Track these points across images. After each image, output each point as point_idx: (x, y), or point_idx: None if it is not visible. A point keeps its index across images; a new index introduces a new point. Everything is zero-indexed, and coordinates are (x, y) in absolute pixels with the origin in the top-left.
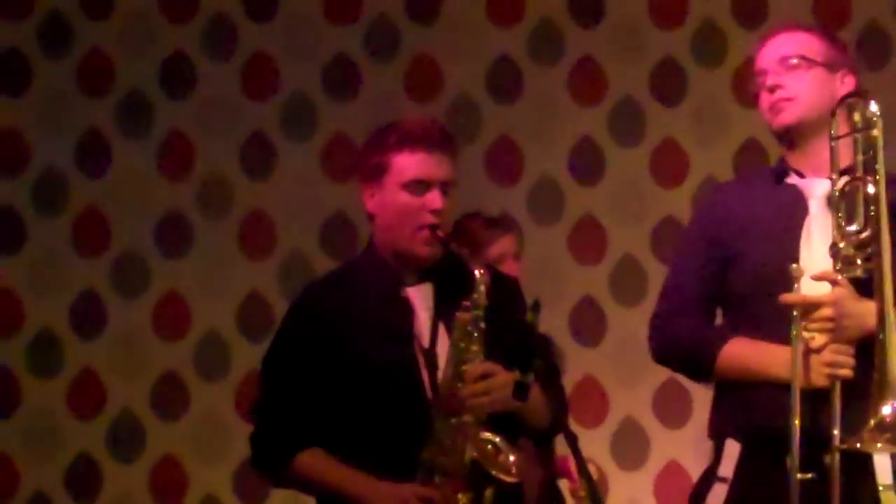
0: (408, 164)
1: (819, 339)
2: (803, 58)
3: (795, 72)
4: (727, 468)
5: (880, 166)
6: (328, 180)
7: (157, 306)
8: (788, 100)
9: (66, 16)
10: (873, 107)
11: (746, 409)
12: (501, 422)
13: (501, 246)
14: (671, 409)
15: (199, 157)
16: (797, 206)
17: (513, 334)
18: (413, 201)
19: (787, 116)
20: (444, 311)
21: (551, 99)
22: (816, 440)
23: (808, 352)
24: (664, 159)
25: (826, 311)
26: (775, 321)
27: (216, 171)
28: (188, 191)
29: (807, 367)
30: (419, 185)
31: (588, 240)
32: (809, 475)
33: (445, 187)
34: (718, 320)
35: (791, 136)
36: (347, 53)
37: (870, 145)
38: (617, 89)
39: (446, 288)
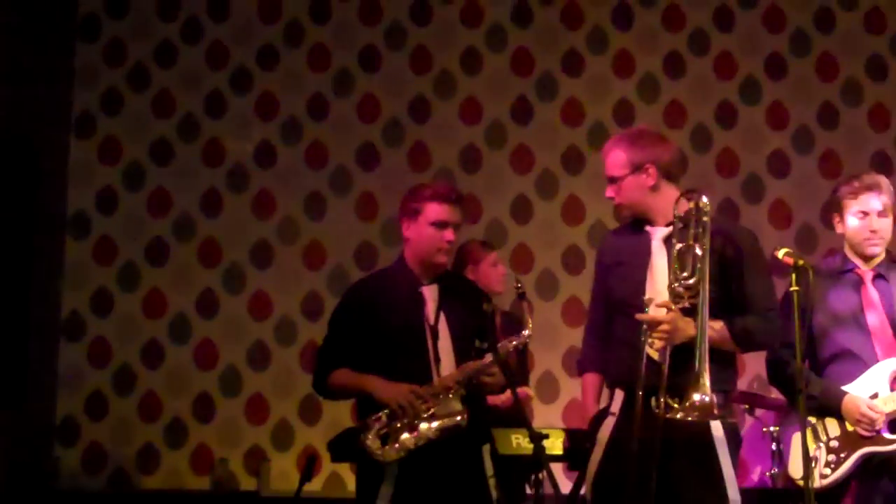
0: (436, 210)
1: (658, 343)
2: (614, 177)
3: (615, 185)
4: (616, 406)
5: (706, 239)
6: (360, 221)
7: (251, 300)
8: (618, 205)
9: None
10: (705, 199)
11: (622, 371)
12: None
13: (493, 258)
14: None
15: (278, 206)
16: (646, 245)
17: (474, 319)
18: (436, 233)
19: (622, 212)
20: (444, 303)
21: (499, 171)
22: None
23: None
24: (570, 209)
25: (665, 326)
26: (633, 326)
27: (289, 215)
28: (272, 227)
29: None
30: (441, 224)
31: (521, 259)
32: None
33: (455, 226)
34: None
35: (632, 218)
36: (372, 141)
37: (700, 224)
38: (541, 165)
39: (447, 290)
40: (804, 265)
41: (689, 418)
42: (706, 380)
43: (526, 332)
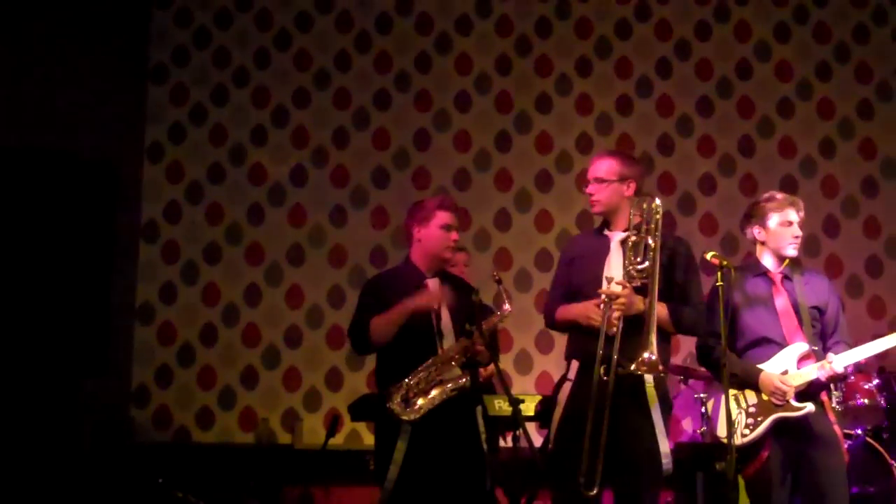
0: (443, 217)
1: (616, 313)
2: (603, 179)
3: (599, 185)
4: (572, 374)
5: (658, 233)
6: (374, 230)
7: (288, 292)
8: (596, 202)
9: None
10: (657, 201)
11: (578, 344)
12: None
13: (461, 256)
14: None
15: (309, 217)
16: (605, 246)
17: (466, 307)
18: (445, 234)
19: (595, 209)
20: (444, 293)
21: (484, 189)
22: (609, 360)
23: (609, 315)
24: (541, 220)
25: (622, 299)
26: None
27: (318, 225)
28: (304, 233)
29: (604, 321)
30: (447, 227)
31: (502, 260)
32: (605, 377)
33: (456, 229)
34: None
35: (600, 216)
36: (384, 166)
37: (654, 220)
38: (518, 185)
39: (444, 282)
40: (727, 265)
41: (639, 372)
42: (654, 341)
43: (507, 307)
